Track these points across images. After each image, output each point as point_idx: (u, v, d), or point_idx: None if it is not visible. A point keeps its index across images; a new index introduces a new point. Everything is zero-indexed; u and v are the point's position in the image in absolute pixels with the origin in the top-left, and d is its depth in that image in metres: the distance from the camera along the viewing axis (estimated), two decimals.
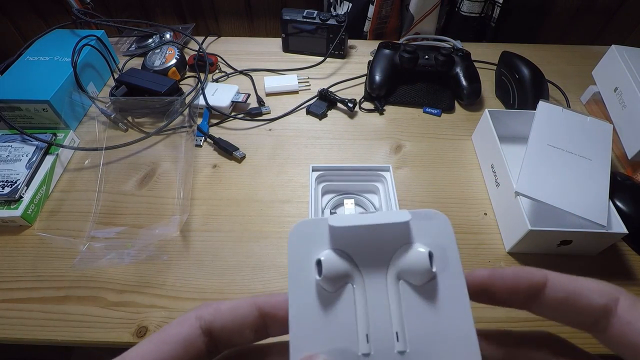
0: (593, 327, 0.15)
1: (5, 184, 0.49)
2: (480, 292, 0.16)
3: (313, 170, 0.52)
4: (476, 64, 0.69)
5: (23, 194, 0.49)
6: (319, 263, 0.15)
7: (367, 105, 0.67)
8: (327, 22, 0.71)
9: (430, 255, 0.15)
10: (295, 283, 0.15)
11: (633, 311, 0.14)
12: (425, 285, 0.15)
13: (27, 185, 0.50)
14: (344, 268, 0.15)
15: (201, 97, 0.64)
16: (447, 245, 0.16)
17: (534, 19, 0.85)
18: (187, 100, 0.64)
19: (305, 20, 0.72)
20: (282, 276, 0.46)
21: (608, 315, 0.14)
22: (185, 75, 0.72)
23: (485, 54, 0.76)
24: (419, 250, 0.15)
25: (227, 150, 0.58)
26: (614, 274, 0.47)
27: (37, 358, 0.98)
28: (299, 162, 0.58)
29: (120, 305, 0.43)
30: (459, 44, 0.78)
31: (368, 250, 0.16)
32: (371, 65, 0.68)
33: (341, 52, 0.76)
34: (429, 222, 0.16)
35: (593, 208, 0.44)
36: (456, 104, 0.68)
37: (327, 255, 0.15)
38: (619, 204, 0.49)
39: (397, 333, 0.14)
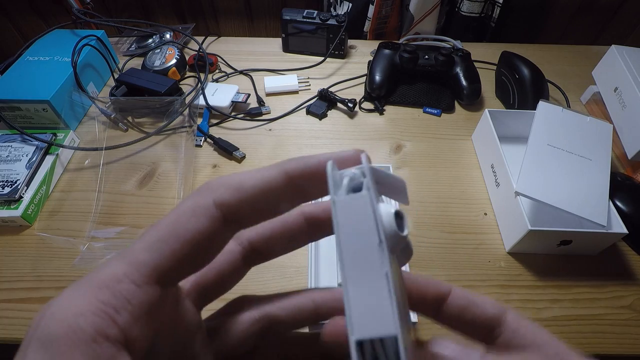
0: (487, 337, 0.16)
1: (5, 184, 0.49)
2: None
3: None
4: (476, 64, 0.69)
5: (23, 194, 0.49)
6: (399, 216, 0.13)
7: (367, 105, 0.67)
8: (327, 22, 0.71)
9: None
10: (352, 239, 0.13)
11: (520, 320, 0.15)
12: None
13: (27, 185, 0.50)
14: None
15: (201, 97, 0.64)
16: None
17: (534, 19, 0.85)
18: (187, 100, 0.64)
19: (305, 20, 0.72)
20: (281, 276, 0.46)
21: (499, 324, 0.15)
22: (185, 75, 0.72)
23: (485, 54, 0.76)
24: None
25: (227, 150, 0.58)
26: (614, 274, 0.47)
27: None
28: None
29: None
30: (459, 44, 0.78)
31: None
32: (371, 65, 0.68)
33: (341, 52, 0.76)
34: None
35: (593, 208, 0.44)
36: (456, 104, 0.68)
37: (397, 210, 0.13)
38: (619, 204, 0.49)
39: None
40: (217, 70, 0.73)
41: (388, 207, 0.13)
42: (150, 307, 0.12)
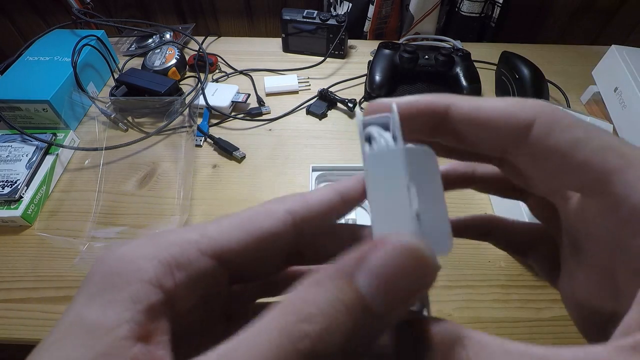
0: (505, 155, 0.14)
1: (5, 184, 0.49)
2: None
3: (313, 170, 0.52)
4: (476, 64, 0.69)
5: (23, 194, 0.49)
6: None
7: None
8: (327, 22, 0.71)
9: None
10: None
11: (549, 138, 0.12)
12: None
13: (27, 185, 0.50)
14: None
15: (201, 97, 0.64)
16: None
17: (534, 19, 0.85)
18: (187, 100, 0.64)
19: (305, 20, 0.72)
20: None
21: (521, 142, 0.13)
22: (185, 75, 0.72)
23: (485, 54, 0.76)
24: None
25: (227, 150, 0.58)
26: None
27: None
28: (299, 162, 0.58)
29: None
30: (459, 44, 0.78)
31: None
32: (371, 65, 0.68)
33: (341, 52, 0.76)
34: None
35: None
36: None
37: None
38: None
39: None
40: (217, 70, 0.73)
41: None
42: (203, 277, 0.13)
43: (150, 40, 0.76)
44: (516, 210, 0.45)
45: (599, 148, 0.12)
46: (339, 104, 0.66)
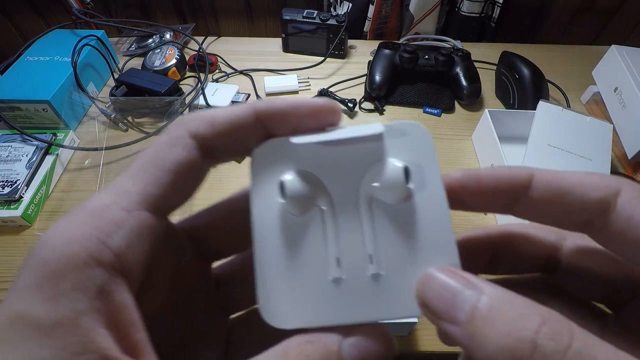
0: (587, 227, 0.13)
1: (5, 184, 0.49)
2: (452, 198, 0.14)
3: None
4: (476, 64, 0.69)
5: (23, 194, 0.49)
6: (281, 185, 0.14)
7: (367, 105, 0.67)
8: (327, 22, 0.71)
9: (406, 170, 0.14)
10: (259, 208, 0.14)
11: (636, 205, 0.12)
12: (402, 205, 0.14)
13: (27, 185, 0.50)
14: (308, 189, 0.14)
15: (201, 97, 0.64)
16: (425, 161, 0.14)
17: (534, 19, 0.85)
18: (187, 100, 0.64)
19: (305, 20, 0.72)
20: None
21: (606, 212, 0.12)
22: (185, 75, 0.72)
23: (485, 54, 0.76)
24: (393, 164, 0.14)
25: None
26: None
27: None
28: None
29: None
30: (459, 44, 0.78)
31: (337, 170, 0.14)
32: (371, 65, 0.68)
33: (341, 52, 0.76)
34: (405, 137, 0.14)
35: None
36: (456, 104, 0.68)
37: (290, 175, 0.14)
38: None
39: (370, 256, 0.13)
40: (217, 70, 0.73)
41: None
42: (142, 232, 0.12)
43: (150, 40, 0.76)
44: None
45: None
46: (339, 104, 0.66)
